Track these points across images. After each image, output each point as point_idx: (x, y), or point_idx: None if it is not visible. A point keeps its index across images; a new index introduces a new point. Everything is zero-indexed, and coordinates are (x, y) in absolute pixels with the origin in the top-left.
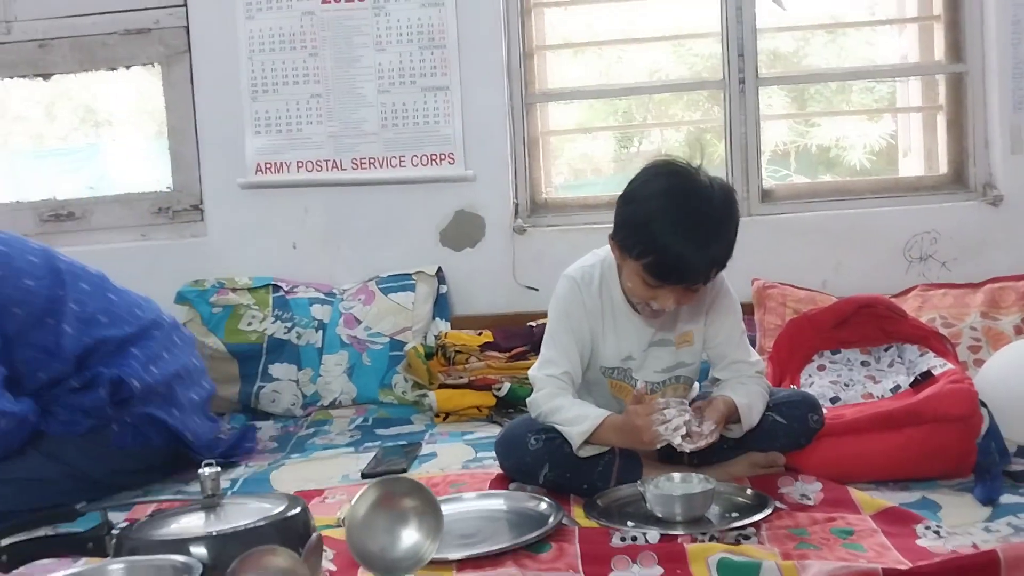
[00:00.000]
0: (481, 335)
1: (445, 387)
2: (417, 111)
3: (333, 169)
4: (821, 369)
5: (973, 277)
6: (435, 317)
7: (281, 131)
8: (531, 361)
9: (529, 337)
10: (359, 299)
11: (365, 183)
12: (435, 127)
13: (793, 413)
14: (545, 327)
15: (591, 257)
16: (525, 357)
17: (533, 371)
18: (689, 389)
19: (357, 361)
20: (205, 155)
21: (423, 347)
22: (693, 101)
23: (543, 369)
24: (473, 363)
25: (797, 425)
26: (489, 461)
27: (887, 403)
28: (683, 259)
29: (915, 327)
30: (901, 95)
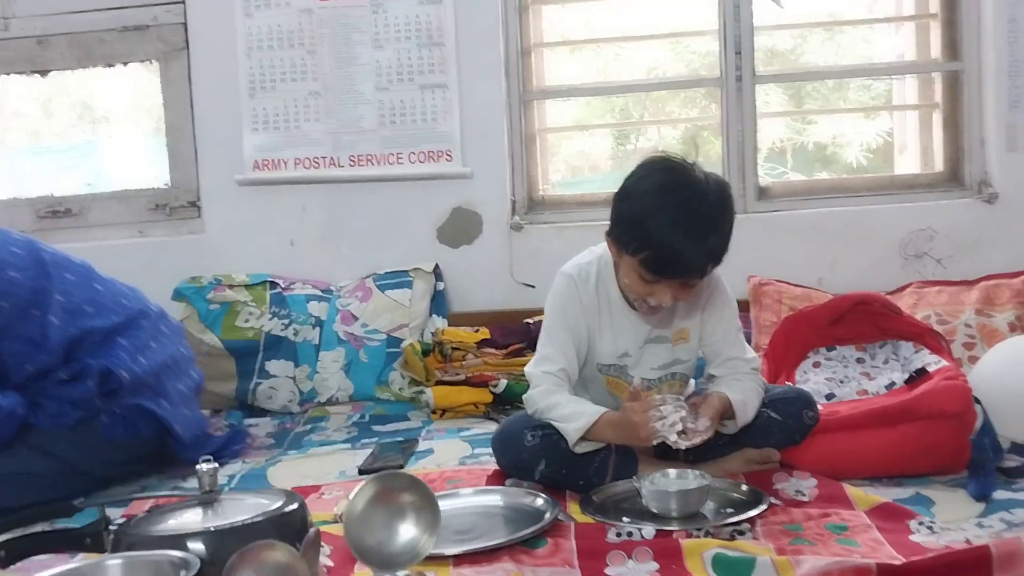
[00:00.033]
0: (478, 332)
1: (442, 384)
2: (415, 108)
3: (331, 166)
4: (816, 366)
5: (968, 274)
6: (432, 314)
7: (279, 128)
8: (528, 358)
9: (526, 334)
10: (356, 296)
11: (363, 180)
12: (433, 124)
13: (788, 409)
14: (542, 324)
15: (588, 254)
16: (522, 354)
17: (530, 368)
18: (685, 386)
19: (354, 358)
20: (203, 152)
21: (420, 344)
22: (690, 98)
23: (540, 366)
24: (470, 360)
25: (792, 421)
26: (486, 457)
27: (882, 400)
28: (679, 253)
29: (910, 324)
30: (897, 93)
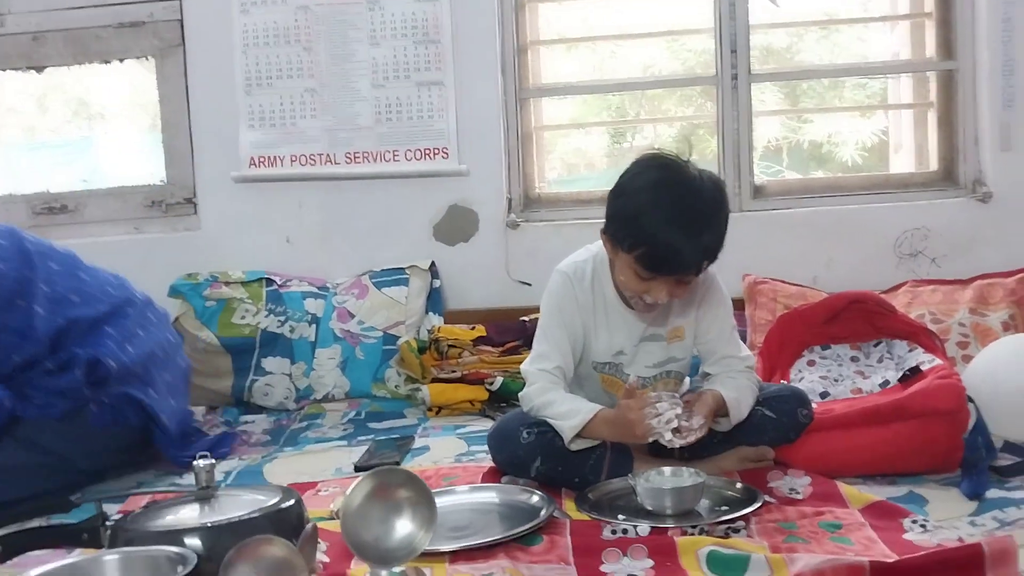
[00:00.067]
0: (474, 329)
1: (438, 381)
2: (411, 106)
3: (327, 163)
4: (811, 364)
5: (962, 273)
6: (428, 311)
7: (275, 125)
8: (524, 355)
9: (522, 332)
10: (352, 293)
11: (359, 177)
12: (429, 122)
13: (782, 408)
14: (538, 322)
15: (583, 252)
16: (518, 351)
17: (525, 365)
18: (680, 384)
19: (350, 355)
20: (199, 149)
21: (416, 341)
22: (686, 97)
23: (535, 363)
24: (466, 357)
25: (786, 420)
26: (481, 455)
27: (876, 398)
28: (675, 249)
29: (904, 323)
30: (892, 92)
